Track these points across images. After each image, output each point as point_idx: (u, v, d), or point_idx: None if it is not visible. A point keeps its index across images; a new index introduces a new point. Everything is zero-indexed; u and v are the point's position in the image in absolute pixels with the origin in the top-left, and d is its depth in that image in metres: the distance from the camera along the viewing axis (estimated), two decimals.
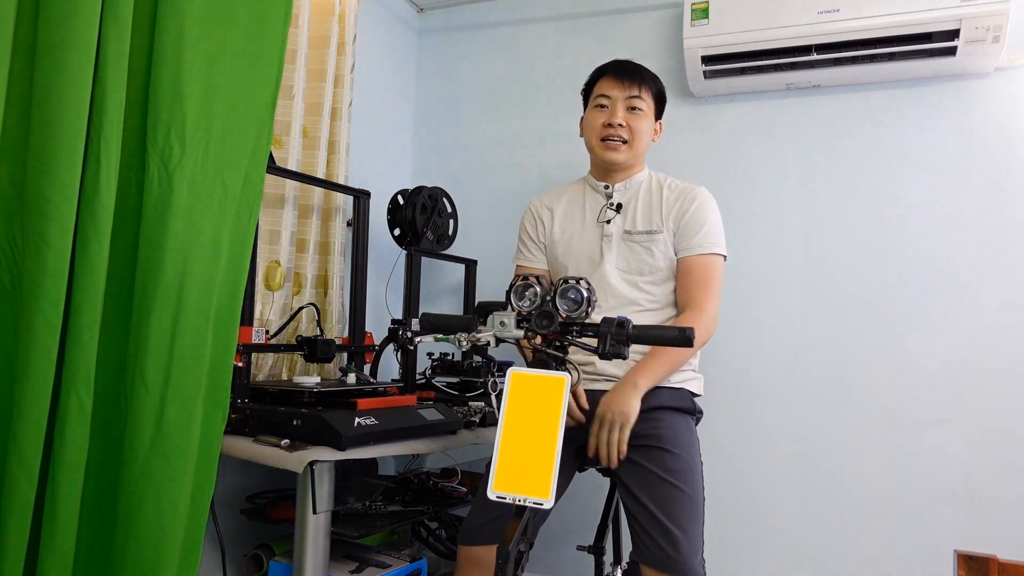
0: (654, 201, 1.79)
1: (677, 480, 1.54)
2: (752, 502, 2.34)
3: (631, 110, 1.78)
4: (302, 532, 1.61)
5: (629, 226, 1.79)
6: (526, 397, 1.13)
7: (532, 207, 1.94)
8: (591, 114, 1.83)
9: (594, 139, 1.81)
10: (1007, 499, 2.07)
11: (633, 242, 1.77)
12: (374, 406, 1.73)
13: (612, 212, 1.80)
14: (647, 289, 1.75)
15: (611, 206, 1.81)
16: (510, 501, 1.09)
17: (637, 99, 1.78)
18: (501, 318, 1.24)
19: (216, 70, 1.51)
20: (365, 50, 2.57)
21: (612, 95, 1.79)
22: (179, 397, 1.46)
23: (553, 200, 1.92)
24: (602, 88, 1.81)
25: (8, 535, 1.29)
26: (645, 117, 1.79)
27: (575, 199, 1.89)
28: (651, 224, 1.77)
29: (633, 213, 1.80)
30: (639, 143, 1.79)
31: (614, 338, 1.20)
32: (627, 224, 1.79)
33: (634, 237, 1.77)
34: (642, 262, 1.76)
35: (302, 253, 2.25)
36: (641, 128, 1.78)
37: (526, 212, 1.95)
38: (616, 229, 1.79)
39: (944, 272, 2.18)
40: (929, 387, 2.17)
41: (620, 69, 1.81)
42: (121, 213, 1.43)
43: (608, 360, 1.22)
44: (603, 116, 1.79)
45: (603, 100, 1.80)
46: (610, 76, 1.81)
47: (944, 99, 2.22)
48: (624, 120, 1.77)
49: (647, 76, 1.82)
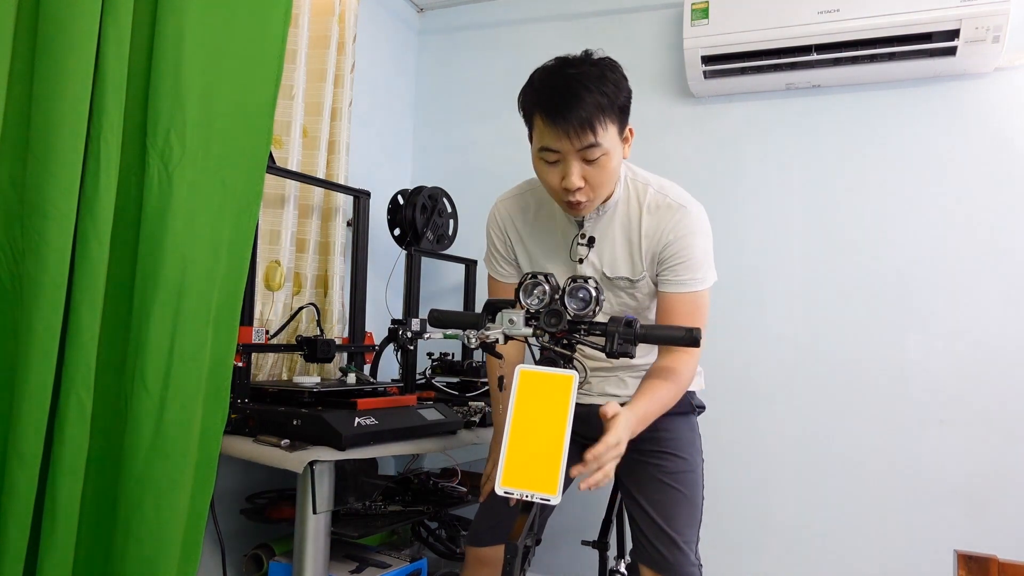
0: (633, 234, 1.50)
1: (677, 483, 1.55)
2: (752, 502, 2.34)
3: (588, 162, 1.36)
4: (302, 532, 1.61)
5: (608, 270, 1.52)
6: (534, 394, 1.14)
7: (498, 217, 1.63)
8: (539, 165, 1.42)
9: (554, 197, 1.46)
10: (1007, 499, 2.08)
11: (614, 286, 1.54)
12: (374, 406, 1.73)
13: (584, 248, 1.52)
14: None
15: (582, 239, 1.52)
16: (518, 497, 1.09)
17: (593, 148, 1.34)
18: (510, 316, 1.25)
19: (216, 70, 1.51)
20: (365, 50, 2.57)
21: (560, 150, 1.35)
22: (179, 397, 1.46)
23: (519, 216, 1.61)
24: (544, 137, 1.36)
25: (8, 535, 1.29)
26: (609, 159, 1.37)
27: (544, 224, 1.58)
28: (632, 270, 1.51)
29: (612, 251, 1.52)
30: (606, 188, 1.43)
31: (621, 337, 1.21)
32: (605, 267, 1.52)
33: (615, 283, 1.53)
34: (626, 305, 1.56)
35: (302, 253, 2.25)
36: (605, 176, 1.39)
37: (491, 219, 1.64)
38: (594, 271, 1.53)
39: (944, 272, 2.18)
40: (929, 387, 2.17)
41: (560, 112, 1.32)
42: (121, 213, 1.43)
43: (615, 359, 1.22)
44: (555, 175, 1.39)
45: (549, 156, 1.37)
46: (550, 121, 1.33)
47: (944, 99, 2.22)
48: (582, 177, 1.37)
49: (595, 101, 1.32)
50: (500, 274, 1.67)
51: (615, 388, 1.64)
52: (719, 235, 1.67)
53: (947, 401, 2.15)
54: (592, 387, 1.65)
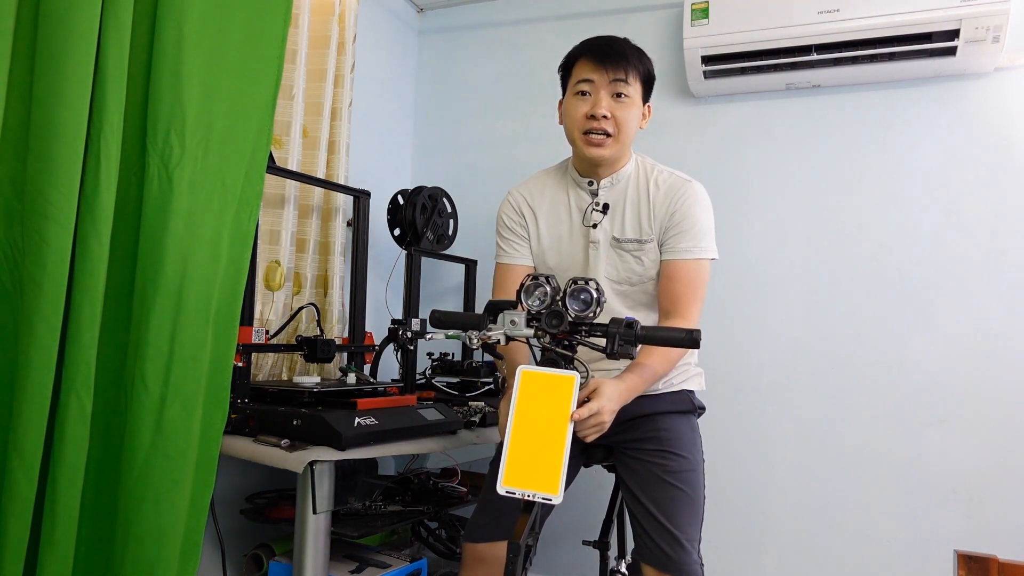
0: (642, 202, 1.63)
1: (678, 482, 1.55)
2: (752, 502, 2.34)
3: (616, 96, 1.57)
4: (302, 532, 1.61)
5: (618, 232, 1.64)
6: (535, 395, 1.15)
7: (512, 201, 1.74)
8: (571, 102, 1.62)
9: (576, 132, 1.61)
10: (1007, 499, 2.08)
11: (622, 250, 1.64)
12: (374, 406, 1.73)
13: (599, 214, 1.64)
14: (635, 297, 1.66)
15: (597, 205, 1.65)
16: (519, 496, 1.10)
17: (622, 83, 1.56)
18: (511, 317, 1.27)
19: (216, 70, 1.51)
20: (365, 50, 2.57)
21: (594, 79, 1.57)
22: (179, 397, 1.46)
23: (535, 195, 1.73)
24: (582, 71, 1.59)
25: (8, 535, 1.29)
26: (632, 104, 1.59)
27: (558, 197, 1.71)
28: (640, 232, 1.62)
29: (621, 217, 1.64)
30: (626, 135, 1.59)
31: (622, 338, 1.22)
32: (615, 230, 1.64)
33: (623, 245, 1.63)
34: (632, 271, 1.64)
35: (302, 253, 2.25)
36: (628, 118, 1.58)
37: (505, 205, 1.75)
38: (604, 235, 1.64)
39: (944, 272, 2.18)
40: (929, 387, 2.17)
41: (602, 49, 1.58)
42: (121, 213, 1.43)
43: (616, 359, 1.23)
44: (584, 105, 1.58)
45: (584, 86, 1.59)
46: (590, 57, 1.58)
47: (944, 99, 2.22)
48: (608, 110, 1.56)
49: (633, 55, 1.60)
50: (513, 256, 1.73)
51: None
52: (719, 235, 1.68)
53: (947, 400, 2.15)
54: None
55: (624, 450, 1.63)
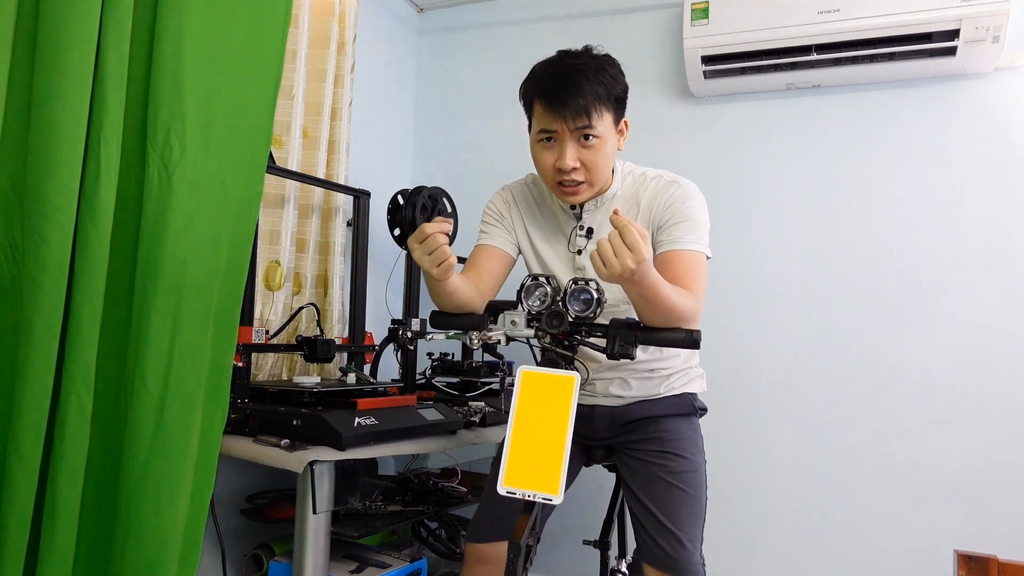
0: (631, 214, 1.54)
1: (680, 482, 1.55)
2: (752, 502, 2.34)
3: (584, 139, 1.41)
4: (302, 532, 1.61)
5: None
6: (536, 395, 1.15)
7: (504, 199, 1.67)
8: (536, 147, 1.48)
9: (548, 180, 1.50)
10: (1007, 499, 2.08)
11: None
12: (374, 406, 1.73)
13: (583, 239, 1.55)
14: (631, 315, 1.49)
15: (581, 229, 1.55)
16: (520, 496, 1.10)
17: (587, 128, 1.40)
18: (512, 317, 1.27)
19: (216, 70, 1.51)
20: (365, 50, 2.57)
21: (557, 129, 1.41)
22: (179, 397, 1.46)
23: (524, 205, 1.65)
24: (542, 119, 1.43)
25: (8, 535, 1.29)
26: (603, 144, 1.43)
27: (546, 216, 1.63)
28: None
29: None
30: (601, 174, 1.47)
31: (623, 339, 1.23)
32: None
33: None
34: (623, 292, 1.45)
35: (302, 253, 2.25)
36: (599, 160, 1.44)
37: (496, 197, 1.68)
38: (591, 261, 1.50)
39: (944, 272, 2.18)
40: (929, 387, 2.17)
41: (557, 95, 1.39)
42: (121, 213, 1.43)
43: (616, 360, 1.23)
44: (550, 156, 1.44)
45: (547, 135, 1.44)
46: (547, 104, 1.41)
47: (944, 99, 2.22)
48: (576, 160, 1.42)
49: (592, 89, 1.39)
50: (492, 237, 1.64)
51: (618, 389, 1.64)
52: (719, 235, 1.67)
53: (947, 400, 2.15)
54: (595, 388, 1.66)
55: (625, 451, 1.63)
